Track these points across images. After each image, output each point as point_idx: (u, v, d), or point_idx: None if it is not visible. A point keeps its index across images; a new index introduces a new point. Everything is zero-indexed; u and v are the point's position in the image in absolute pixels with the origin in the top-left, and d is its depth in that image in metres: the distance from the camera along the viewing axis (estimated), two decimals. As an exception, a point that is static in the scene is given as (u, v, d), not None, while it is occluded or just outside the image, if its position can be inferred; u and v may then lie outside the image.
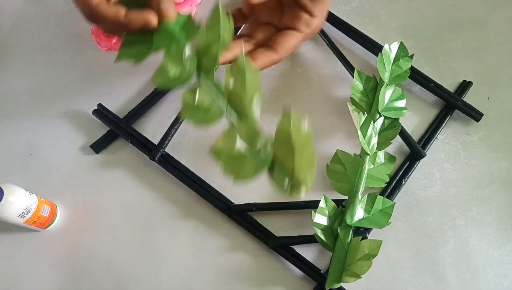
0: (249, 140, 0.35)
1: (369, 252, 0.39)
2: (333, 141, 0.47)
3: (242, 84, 0.35)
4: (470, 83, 0.49)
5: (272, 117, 0.48)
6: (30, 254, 0.43)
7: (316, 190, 0.45)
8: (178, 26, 0.36)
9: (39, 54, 0.51)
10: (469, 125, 0.48)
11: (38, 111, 0.49)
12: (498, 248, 0.43)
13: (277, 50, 0.40)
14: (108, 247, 0.43)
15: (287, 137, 0.34)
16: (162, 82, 0.36)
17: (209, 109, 0.35)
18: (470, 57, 0.51)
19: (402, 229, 0.44)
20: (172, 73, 0.36)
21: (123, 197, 0.45)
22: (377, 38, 0.50)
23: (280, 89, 0.50)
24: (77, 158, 0.47)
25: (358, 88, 0.47)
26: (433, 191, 0.45)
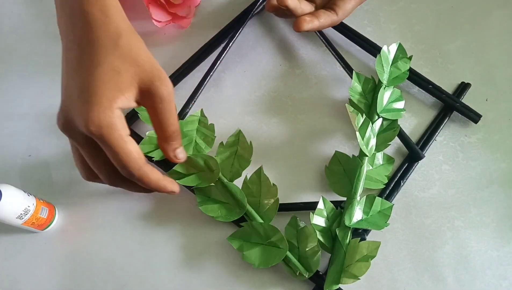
0: (265, 235, 0.41)
1: (367, 254, 0.39)
2: (331, 142, 0.47)
3: (258, 191, 0.43)
4: (468, 85, 0.49)
5: (271, 118, 0.48)
6: (29, 256, 0.43)
7: (315, 191, 0.45)
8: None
9: (38, 55, 0.51)
10: (467, 127, 0.48)
11: (37, 113, 0.48)
12: (497, 250, 0.43)
13: (337, 12, 0.44)
14: (107, 248, 0.43)
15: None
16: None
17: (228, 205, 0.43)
18: (468, 58, 0.51)
19: (400, 230, 0.44)
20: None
21: (121, 198, 0.45)
22: (375, 39, 0.50)
23: (279, 90, 0.50)
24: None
25: (356, 89, 0.47)
26: (432, 193, 0.45)
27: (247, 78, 0.50)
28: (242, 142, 0.44)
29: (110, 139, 0.31)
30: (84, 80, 0.31)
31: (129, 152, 0.32)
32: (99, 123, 0.30)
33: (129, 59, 0.32)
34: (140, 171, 0.33)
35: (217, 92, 0.49)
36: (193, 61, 0.50)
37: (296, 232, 0.41)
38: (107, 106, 0.31)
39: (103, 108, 0.30)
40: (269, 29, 0.53)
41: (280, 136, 0.47)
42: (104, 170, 0.34)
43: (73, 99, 0.31)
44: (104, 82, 0.31)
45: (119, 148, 0.31)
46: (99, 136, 0.31)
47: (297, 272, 0.40)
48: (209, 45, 0.51)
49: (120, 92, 0.31)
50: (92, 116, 0.30)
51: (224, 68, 0.50)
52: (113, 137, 0.31)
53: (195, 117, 0.46)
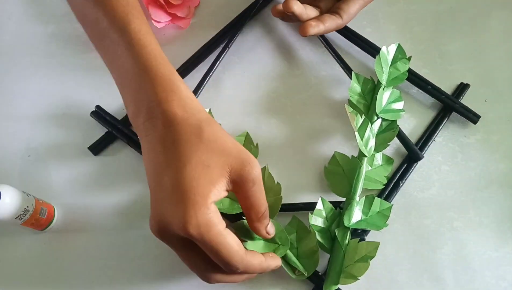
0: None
1: (366, 254, 0.39)
2: (331, 143, 0.47)
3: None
4: (467, 86, 0.49)
5: (270, 118, 0.48)
6: (28, 256, 0.43)
7: (314, 192, 0.45)
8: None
9: (37, 55, 0.51)
10: (466, 127, 0.48)
11: (36, 113, 0.48)
12: (496, 250, 0.43)
13: (341, 16, 0.45)
14: (107, 249, 0.43)
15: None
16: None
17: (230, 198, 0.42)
18: (468, 59, 0.51)
19: (399, 231, 0.44)
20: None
21: (121, 199, 0.45)
22: (375, 40, 0.51)
23: (278, 91, 0.50)
24: (75, 160, 0.46)
25: (355, 90, 0.47)
26: (431, 193, 0.45)
27: (246, 79, 0.50)
28: (249, 144, 0.45)
29: (209, 237, 0.30)
30: (174, 180, 0.30)
31: (230, 247, 0.31)
32: (197, 223, 0.29)
33: (216, 150, 0.31)
34: (243, 262, 0.32)
35: (216, 92, 0.49)
36: (193, 62, 0.50)
37: (295, 232, 0.41)
38: (202, 204, 0.30)
39: (199, 206, 0.30)
40: (268, 30, 0.53)
41: (279, 137, 0.47)
42: (205, 270, 0.33)
43: (164, 201, 0.31)
44: (196, 179, 0.30)
45: (220, 245, 0.30)
46: (198, 236, 0.30)
47: (296, 271, 0.40)
48: (208, 46, 0.51)
49: (212, 185, 0.31)
50: (189, 218, 0.29)
51: (224, 69, 0.51)
52: (212, 234, 0.30)
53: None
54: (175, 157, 0.31)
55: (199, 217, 0.30)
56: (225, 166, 0.31)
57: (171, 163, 0.31)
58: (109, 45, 0.35)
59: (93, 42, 0.38)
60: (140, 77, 0.33)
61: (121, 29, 0.34)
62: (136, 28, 0.34)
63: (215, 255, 0.31)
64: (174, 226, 0.30)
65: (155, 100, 0.32)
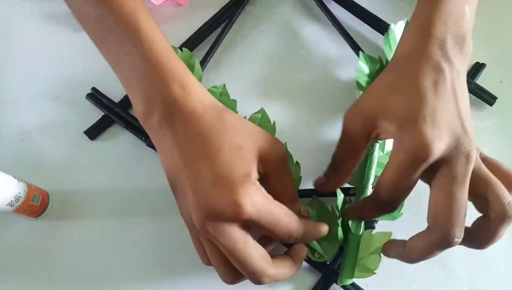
0: None
1: (380, 245, 0.37)
2: (339, 126, 0.45)
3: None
4: (483, 65, 0.47)
5: (274, 102, 0.46)
6: (22, 243, 0.41)
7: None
8: None
9: (30, 36, 0.49)
10: (481, 110, 0.46)
11: (28, 95, 0.46)
12: (510, 240, 0.41)
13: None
14: (103, 236, 0.42)
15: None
16: None
17: None
18: (483, 38, 0.49)
19: (409, 219, 0.42)
20: None
21: (118, 184, 0.43)
22: (385, 17, 0.48)
23: (283, 72, 0.47)
24: (70, 144, 0.45)
25: (364, 71, 0.45)
26: (443, 180, 0.43)
27: (249, 59, 0.48)
28: (266, 121, 0.43)
29: (267, 210, 0.30)
30: (212, 168, 0.30)
31: (290, 214, 0.32)
32: (251, 201, 0.29)
33: (242, 133, 0.32)
34: (302, 227, 0.33)
35: (217, 74, 0.47)
36: (192, 41, 0.48)
37: (315, 213, 0.40)
38: (249, 182, 0.30)
39: (247, 184, 0.29)
40: (272, 7, 0.50)
41: (283, 121, 0.45)
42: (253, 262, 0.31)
43: (209, 191, 0.30)
44: (234, 161, 0.30)
45: (279, 214, 0.31)
46: (256, 213, 0.29)
47: (315, 253, 0.39)
48: (209, 24, 0.49)
49: (251, 164, 0.31)
50: (242, 198, 0.29)
51: (225, 49, 0.48)
52: (269, 207, 0.30)
53: (217, 90, 0.44)
54: (205, 148, 0.31)
55: (252, 195, 0.29)
56: (255, 147, 0.32)
57: (202, 154, 0.31)
58: (115, 42, 0.34)
59: (95, 40, 0.37)
60: (152, 73, 0.32)
61: (130, 26, 0.33)
62: (145, 25, 0.33)
63: (275, 226, 0.30)
64: (227, 212, 0.29)
65: (171, 96, 0.32)
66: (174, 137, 0.32)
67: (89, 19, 0.36)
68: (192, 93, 0.32)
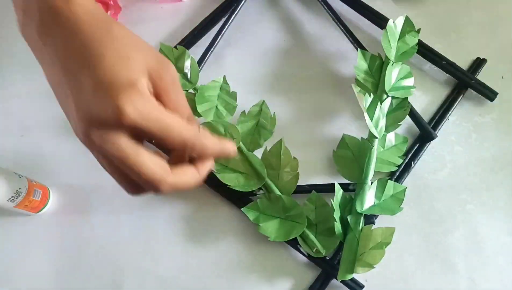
0: (284, 208, 0.40)
1: (381, 241, 0.37)
2: (339, 123, 0.45)
3: (277, 164, 0.41)
4: (484, 61, 0.47)
5: (275, 97, 0.46)
6: (23, 239, 0.41)
7: (321, 174, 0.43)
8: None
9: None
10: (481, 106, 0.46)
11: (29, 91, 0.46)
12: (510, 234, 0.41)
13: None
14: (103, 232, 0.42)
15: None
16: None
17: (246, 175, 0.41)
18: (484, 34, 0.48)
19: (410, 214, 0.42)
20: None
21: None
22: (386, 13, 0.48)
23: (283, 67, 0.47)
24: (71, 140, 0.45)
25: (362, 67, 0.45)
26: (443, 175, 0.43)
27: (249, 55, 0.48)
28: (265, 113, 0.43)
29: (154, 117, 0.27)
30: (94, 76, 0.27)
31: (180, 122, 0.28)
32: (135, 108, 0.26)
33: (131, 45, 0.29)
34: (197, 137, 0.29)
35: (218, 69, 0.47)
36: (193, 37, 0.48)
37: (315, 208, 0.40)
38: (134, 89, 0.27)
39: (131, 91, 0.27)
40: (273, 2, 0.50)
41: (284, 116, 0.45)
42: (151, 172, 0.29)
43: (90, 101, 0.27)
44: (118, 69, 0.27)
45: (169, 120, 0.28)
46: (141, 120, 0.26)
47: (313, 249, 0.39)
48: (210, 19, 0.48)
49: (138, 74, 0.28)
50: (125, 104, 0.26)
51: (225, 44, 0.48)
52: (156, 113, 0.27)
53: (217, 83, 0.44)
54: (87, 57, 0.28)
55: (136, 101, 0.27)
56: (143, 62, 0.29)
57: (84, 63, 0.28)
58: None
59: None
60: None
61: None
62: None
63: (166, 134, 0.28)
64: (109, 118, 0.27)
65: (50, 2, 0.28)
66: (54, 47, 0.29)
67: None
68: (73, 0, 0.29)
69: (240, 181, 0.41)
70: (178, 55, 0.44)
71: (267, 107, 0.43)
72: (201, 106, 0.42)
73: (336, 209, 0.39)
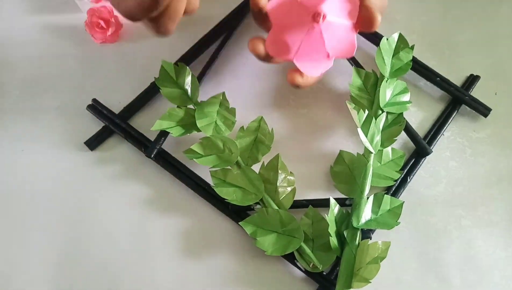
0: (281, 223, 0.40)
1: (377, 255, 0.38)
2: (335, 138, 0.46)
3: (275, 179, 0.42)
4: (477, 77, 0.48)
5: (272, 112, 0.47)
6: (22, 255, 0.42)
7: (318, 189, 0.44)
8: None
9: (31, 46, 0.50)
10: (476, 122, 0.47)
11: (29, 106, 0.47)
12: (505, 249, 0.42)
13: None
14: (102, 245, 0.42)
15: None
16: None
17: (244, 189, 0.41)
18: (477, 51, 0.49)
19: (405, 229, 0.42)
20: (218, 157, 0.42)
21: (118, 194, 0.44)
22: (381, 30, 0.48)
23: (280, 83, 0.48)
24: (70, 155, 0.45)
25: (357, 84, 0.45)
26: (438, 190, 0.44)
27: (247, 71, 0.49)
28: (263, 129, 0.44)
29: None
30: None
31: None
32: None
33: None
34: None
35: (216, 85, 0.48)
36: (192, 53, 0.49)
37: (311, 223, 0.40)
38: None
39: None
40: (270, 20, 0.51)
41: (281, 131, 0.46)
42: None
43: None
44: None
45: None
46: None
47: (310, 264, 0.39)
48: (209, 36, 0.49)
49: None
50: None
51: (224, 60, 0.49)
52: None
53: (217, 99, 0.45)
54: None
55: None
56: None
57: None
58: None
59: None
60: None
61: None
62: None
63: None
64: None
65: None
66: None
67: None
68: None
69: (238, 195, 0.41)
70: (178, 72, 0.45)
71: (265, 123, 0.44)
72: (201, 121, 0.43)
73: (332, 224, 0.39)
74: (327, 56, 0.35)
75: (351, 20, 0.35)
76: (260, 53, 0.35)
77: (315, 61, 0.35)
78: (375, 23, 0.34)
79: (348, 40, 0.35)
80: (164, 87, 0.44)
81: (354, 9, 0.34)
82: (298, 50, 0.35)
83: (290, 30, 0.34)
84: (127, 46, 0.50)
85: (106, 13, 0.48)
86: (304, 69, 0.35)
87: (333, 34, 0.34)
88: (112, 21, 0.48)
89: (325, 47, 0.34)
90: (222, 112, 0.44)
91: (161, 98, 0.47)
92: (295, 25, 0.34)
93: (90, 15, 0.48)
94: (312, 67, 0.35)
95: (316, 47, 0.34)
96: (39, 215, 0.43)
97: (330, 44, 0.34)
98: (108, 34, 0.48)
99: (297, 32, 0.34)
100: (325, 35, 0.34)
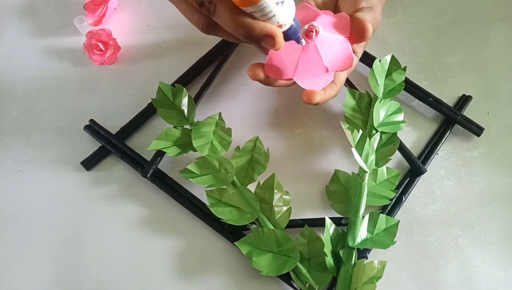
0: (277, 242, 0.40)
1: (373, 275, 0.38)
2: (331, 157, 0.46)
3: (270, 198, 0.42)
4: (469, 98, 0.48)
5: (268, 132, 0.47)
6: (19, 275, 0.41)
7: (314, 209, 0.44)
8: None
9: (30, 67, 0.51)
10: (469, 141, 0.47)
11: (27, 126, 0.47)
12: (503, 269, 0.41)
13: (336, 83, 0.40)
14: (99, 267, 0.41)
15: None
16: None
17: (239, 209, 0.41)
18: (469, 72, 0.50)
19: (402, 249, 0.42)
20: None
21: (114, 215, 0.43)
22: (374, 52, 0.50)
23: (276, 104, 0.49)
24: (67, 175, 0.45)
25: (350, 105, 0.46)
26: (434, 209, 0.44)
27: (243, 91, 0.49)
28: (259, 148, 0.44)
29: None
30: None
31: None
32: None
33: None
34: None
35: (213, 105, 0.48)
36: (189, 75, 0.49)
37: (307, 243, 0.40)
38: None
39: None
40: (266, 43, 0.52)
41: (277, 151, 0.46)
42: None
43: None
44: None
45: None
46: None
47: (306, 284, 0.39)
48: (205, 59, 0.50)
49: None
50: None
51: (221, 81, 0.50)
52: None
53: (213, 120, 0.45)
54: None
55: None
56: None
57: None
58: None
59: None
60: None
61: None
62: None
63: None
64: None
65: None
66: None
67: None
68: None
69: (234, 215, 0.41)
70: (175, 93, 0.45)
71: (261, 143, 0.44)
72: (197, 141, 0.43)
73: (327, 244, 0.39)
74: (326, 71, 0.36)
75: (344, 35, 0.35)
76: (260, 78, 0.36)
77: (314, 77, 0.36)
78: (366, 32, 0.35)
79: (344, 52, 0.36)
80: (161, 108, 0.45)
81: (346, 24, 0.35)
82: (296, 68, 0.36)
83: (286, 51, 0.35)
84: (125, 68, 0.50)
85: (105, 36, 0.49)
86: (305, 86, 0.36)
87: (329, 48, 0.35)
88: (110, 44, 0.49)
89: (322, 62, 0.35)
90: (218, 132, 0.45)
91: (158, 118, 0.47)
92: (290, 45, 0.34)
93: (89, 38, 0.49)
94: (313, 83, 0.36)
95: (314, 63, 0.35)
96: (35, 234, 0.42)
97: (327, 59, 0.35)
98: (106, 56, 0.49)
99: (293, 51, 0.35)
100: (321, 50, 0.35)
